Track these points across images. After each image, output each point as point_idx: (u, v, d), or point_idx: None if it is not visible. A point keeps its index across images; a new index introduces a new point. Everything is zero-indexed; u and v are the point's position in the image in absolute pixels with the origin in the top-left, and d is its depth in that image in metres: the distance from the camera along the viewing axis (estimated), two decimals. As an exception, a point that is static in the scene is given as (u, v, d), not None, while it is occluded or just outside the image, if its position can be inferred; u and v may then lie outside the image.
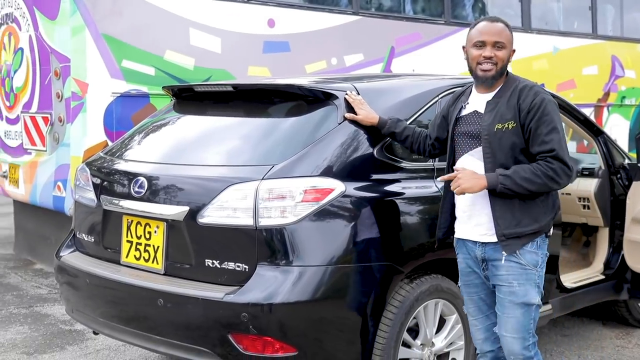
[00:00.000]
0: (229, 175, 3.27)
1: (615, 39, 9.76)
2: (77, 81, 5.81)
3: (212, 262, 3.21)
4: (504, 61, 3.00)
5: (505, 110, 2.94)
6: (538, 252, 2.99)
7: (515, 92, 2.96)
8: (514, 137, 2.92)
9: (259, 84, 3.94)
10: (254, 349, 3.09)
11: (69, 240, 3.98)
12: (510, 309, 2.97)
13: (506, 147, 2.93)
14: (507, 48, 3.01)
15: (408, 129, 3.43)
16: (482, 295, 3.13)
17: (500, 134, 2.93)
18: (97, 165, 3.87)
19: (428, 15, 8.04)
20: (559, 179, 2.87)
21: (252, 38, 6.57)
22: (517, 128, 2.92)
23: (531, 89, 2.96)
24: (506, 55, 3.01)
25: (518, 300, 2.95)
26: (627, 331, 5.06)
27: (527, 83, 3.00)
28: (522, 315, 2.97)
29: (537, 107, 2.90)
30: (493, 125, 2.95)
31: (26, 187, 6.56)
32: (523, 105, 2.91)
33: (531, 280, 2.97)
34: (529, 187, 2.85)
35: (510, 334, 2.99)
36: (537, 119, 2.88)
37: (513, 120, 2.92)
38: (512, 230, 2.92)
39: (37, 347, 4.66)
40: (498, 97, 3.00)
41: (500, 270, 2.98)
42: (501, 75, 3.01)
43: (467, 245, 3.09)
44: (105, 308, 3.59)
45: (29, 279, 6.38)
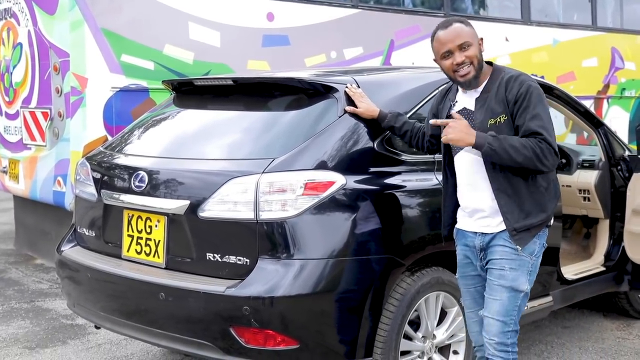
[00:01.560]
0: (229, 169, 3.27)
1: (615, 30, 9.75)
2: (77, 76, 5.81)
3: (213, 255, 3.21)
4: (476, 57, 2.94)
5: (495, 105, 2.92)
6: (536, 240, 2.99)
7: (502, 84, 2.93)
8: (506, 129, 2.90)
9: (259, 77, 3.93)
10: (256, 342, 3.10)
11: (70, 235, 3.98)
12: (497, 292, 2.96)
13: None
14: (473, 44, 2.95)
15: (407, 123, 3.41)
16: (478, 288, 3.12)
17: (494, 129, 2.89)
18: (97, 159, 3.87)
19: (427, 8, 8.02)
20: (545, 159, 2.83)
21: (251, 32, 6.56)
22: (508, 120, 2.90)
23: (516, 79, 2.93)
24: (476, 50, 2.95)
25: (506, 284, 2.94)
26: (628, 323, 5.07)
27: (512, 73, 2.97)
28: (508, 300, 2.95)
29: (523, 96, 2.88)
30: (485, 121, 2.92)
31: (26, 182, 6.56)
32: (510, 96, 2.90)
33: (523, 267, 2.96)
34: (515, 156, 2.81)
35: (492, 315, 2.97)
36: (524, 108, 2.87)
37: (504, 113, 2.90)
38: (522, 223, 2.92)
39: (38, 342, 4.66)
40: (486, 92, 2.97)
41: (495, 255, 2.97)
42: (482, 69, 2.98)
43: (467, 236, 3.09)
44: (106, 302, 3.60)
45: (29, 274, 6.39)
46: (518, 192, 2.92)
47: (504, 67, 3.05)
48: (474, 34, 2.98)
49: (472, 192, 3.02)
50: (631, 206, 4.59)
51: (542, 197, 2.96)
